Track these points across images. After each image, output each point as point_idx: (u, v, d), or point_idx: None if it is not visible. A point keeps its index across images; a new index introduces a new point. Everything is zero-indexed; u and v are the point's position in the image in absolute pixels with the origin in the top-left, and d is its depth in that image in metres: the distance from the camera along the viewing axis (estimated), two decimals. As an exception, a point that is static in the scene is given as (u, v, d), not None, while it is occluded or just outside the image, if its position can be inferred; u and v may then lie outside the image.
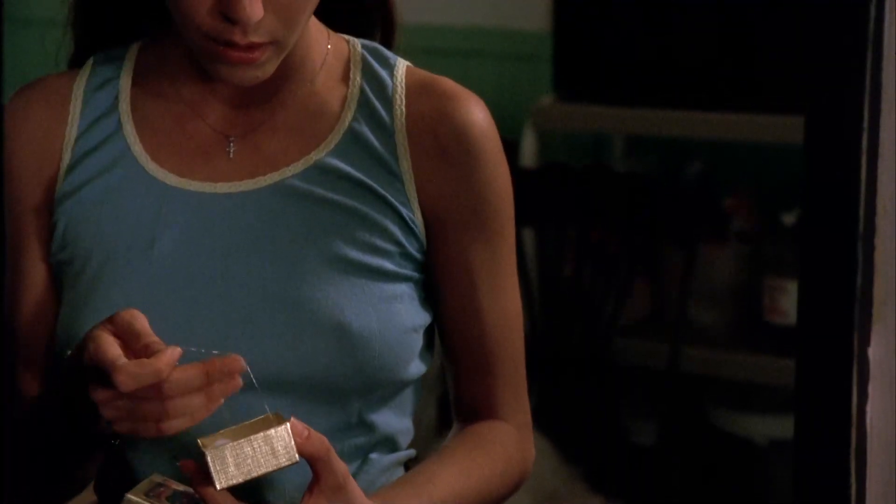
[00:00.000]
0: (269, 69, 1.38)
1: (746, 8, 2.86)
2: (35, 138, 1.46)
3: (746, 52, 2.86)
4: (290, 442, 1.26)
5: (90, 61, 1.49)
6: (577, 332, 2.92)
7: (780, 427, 2.92)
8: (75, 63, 1.51)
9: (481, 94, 1.50)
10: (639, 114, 2.92)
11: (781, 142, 2.79)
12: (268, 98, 1.45)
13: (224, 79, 1.39)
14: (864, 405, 1.14)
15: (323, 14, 1.47)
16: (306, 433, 1.27)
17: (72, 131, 1.46)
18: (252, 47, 1.34)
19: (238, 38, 1.33)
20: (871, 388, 1.14)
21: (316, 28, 1.46)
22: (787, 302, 2.79)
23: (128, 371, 1.22)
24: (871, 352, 1.14)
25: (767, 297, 2.83)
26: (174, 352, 1.23)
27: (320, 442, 1.28)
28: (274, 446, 1.26)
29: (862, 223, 1.10)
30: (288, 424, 1.26)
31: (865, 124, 1.09)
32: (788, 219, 2.83)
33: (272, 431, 1.25)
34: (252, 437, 1.25)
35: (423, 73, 1.49)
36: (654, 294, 3.02)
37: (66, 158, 1.45)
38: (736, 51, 2.86)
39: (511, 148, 3.19)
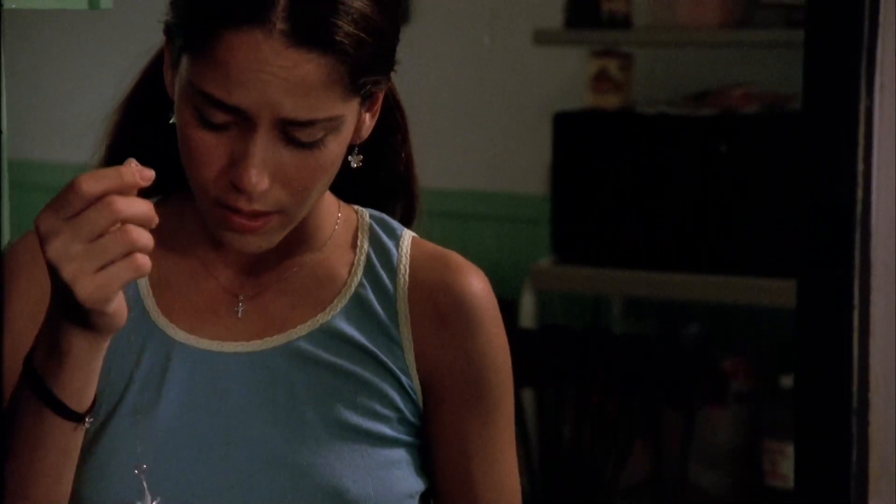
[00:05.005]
0: (274, 239, 1.40)
1: (740, 174, 2.89)
2: (46, 278, 1.45)
3: (742, 216, 2.88)
4: None
5: None
6: (577, 494, 2.90)
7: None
8: None
9: (481, 255, 1.52)
10: (637, 276, 2.94)
11: (778, 305, 2.80)
12: (278, 262, 1.47)
13: (229, 245, 1.41)
14: (863, 580, 1.14)
15: (343, 187, 1.49)
16: None
17: None
18: (256, 216, 1.37)
19: (243, 204, 1.36)
20: (869, 564, 1.14)
21: (329, 200, 1.49)
22: (787, 466, 2.78)
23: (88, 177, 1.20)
24: (869, 527, 1.14)
25: (768, 461, 2.82)
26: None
27: None
28: None
29: (856, 399, 1.11)
30: None
31: (856, 301, 1.11)
32: (787, 381, 2.83)
33: None
34: None
35: (429, 245, 1.51)
36: (654, 456, 3.01)
37: None
38: (731, 215, 2.89)
39: (510, 308, 3.21)
